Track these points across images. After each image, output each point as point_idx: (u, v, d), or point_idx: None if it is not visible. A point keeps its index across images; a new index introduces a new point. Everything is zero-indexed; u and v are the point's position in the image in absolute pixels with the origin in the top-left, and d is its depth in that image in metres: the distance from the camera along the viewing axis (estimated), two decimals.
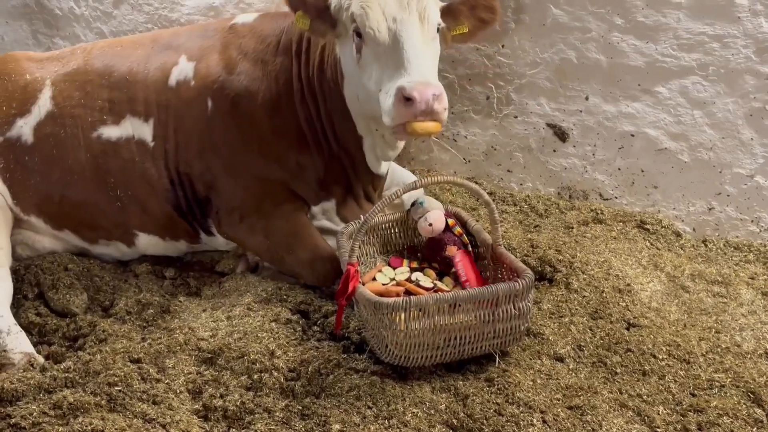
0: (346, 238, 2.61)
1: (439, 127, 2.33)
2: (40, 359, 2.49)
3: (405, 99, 2.24)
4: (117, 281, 3.02)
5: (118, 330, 2.62)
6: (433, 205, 2.65)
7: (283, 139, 2.83)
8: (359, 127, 2.80)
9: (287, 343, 2.45)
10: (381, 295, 2.37)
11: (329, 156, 2.87)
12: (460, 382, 2.26)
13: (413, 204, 2.68)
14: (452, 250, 2.53)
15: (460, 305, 2.21)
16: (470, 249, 2.59)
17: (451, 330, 2.23)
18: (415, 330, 2.19)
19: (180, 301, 2.84)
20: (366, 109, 2.63)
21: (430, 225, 2.53)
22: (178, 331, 2.53)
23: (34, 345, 2.61)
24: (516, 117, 3.44)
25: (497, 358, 2.33)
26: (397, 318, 2.19)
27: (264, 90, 2.82)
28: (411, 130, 2.30)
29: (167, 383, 2.28)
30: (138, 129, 2.94)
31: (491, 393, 2.21)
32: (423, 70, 2.32)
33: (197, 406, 2.22)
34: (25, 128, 3.00)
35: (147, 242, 3.08)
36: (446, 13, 2.58)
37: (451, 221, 2.61)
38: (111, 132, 2.95)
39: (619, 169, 3.31)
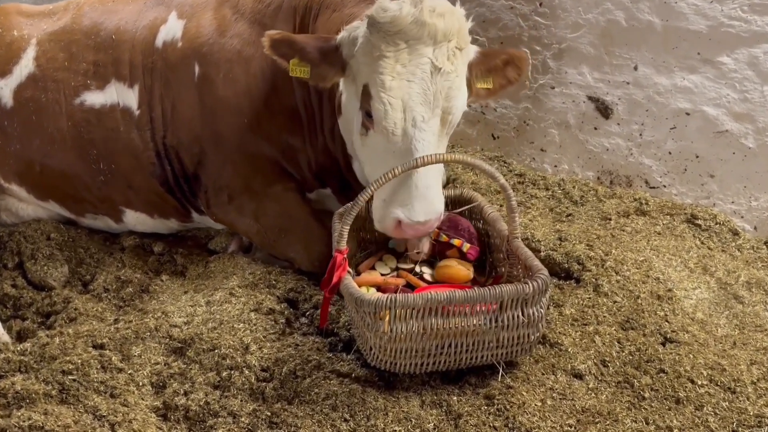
0: (339, 220, 2.47)
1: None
2: (6, 337, 2.46)
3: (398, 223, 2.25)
4: (102, 254, 3.07)
5: (91, 309, 2.63)
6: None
7: (276, 115, 2.70)
8: (349, 149, 2.64)
9: (264, 337, 2.37)
10: (378, 287, 2.32)
11: (323, 148, 2.74)
12: (455, 398, 2.11)
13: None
14: (454, 253, 2.44)
15: (454, 307, 2.03)
16: (466, 247, 2.44)
17: (445, 335, 2.06)
18: (402, 333, 2.04)
19: (162, 281, 2.82)
20: (357, 155, 2.51)
21: (418, 252, 2.46)
22: (150, 315, 2.49)
23: (7, 319, 2.62)
24: (553, 88, 3.33)
25: (501, 371, 2.16)
26: (381, 318, 2.04)
27: (258, 57, 2.66)
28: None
29: (130, 374, 2.23)
30: (123, 95, 2.85)
31: (489, 413, 2.04)
32: (426, 206, 2.21)
33: (158, 403, 2.16)
34: (5, 90, 2.95)
35: (135, 219, 3.04)
36: (481, 62, 2.43)
37: (434, 232, 2.48)
38: (95, 98, 2.87)
39: (670, 153, 3.15)
